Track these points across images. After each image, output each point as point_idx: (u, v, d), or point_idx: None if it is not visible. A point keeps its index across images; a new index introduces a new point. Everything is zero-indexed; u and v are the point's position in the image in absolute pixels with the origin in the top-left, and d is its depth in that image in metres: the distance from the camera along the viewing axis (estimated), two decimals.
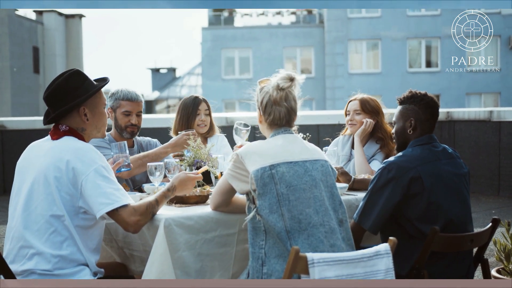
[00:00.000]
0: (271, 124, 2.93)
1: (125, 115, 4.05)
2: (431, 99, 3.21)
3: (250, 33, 32.65)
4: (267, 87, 2.94)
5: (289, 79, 2.91)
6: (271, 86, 2.92)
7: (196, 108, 4.51)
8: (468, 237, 2.96)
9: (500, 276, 3.87)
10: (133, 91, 4.09)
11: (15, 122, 10.45)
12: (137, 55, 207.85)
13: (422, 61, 30.93)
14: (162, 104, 40.54)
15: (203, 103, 4.54)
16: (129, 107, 4.05)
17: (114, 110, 4.08)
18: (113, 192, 2.73)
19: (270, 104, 2.91)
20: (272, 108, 2.91)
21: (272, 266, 2.68)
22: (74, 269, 2.76)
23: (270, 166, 2.73)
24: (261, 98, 2.94)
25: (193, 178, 3.11)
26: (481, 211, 7.98)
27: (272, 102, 2.90)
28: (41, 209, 2.75)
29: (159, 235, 2.79)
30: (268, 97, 2.91)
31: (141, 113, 4.11)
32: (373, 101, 4.33)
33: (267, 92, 2.92)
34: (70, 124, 2.91)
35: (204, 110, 4.52)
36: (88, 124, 2.93)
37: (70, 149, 2.79)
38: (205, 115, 4.52)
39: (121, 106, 4.06)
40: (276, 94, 2.90)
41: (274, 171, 2.73)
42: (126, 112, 4.05)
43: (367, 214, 3.06)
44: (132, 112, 4.06)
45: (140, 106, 4.10)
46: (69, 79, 2.90)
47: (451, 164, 3.12)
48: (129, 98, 4.05)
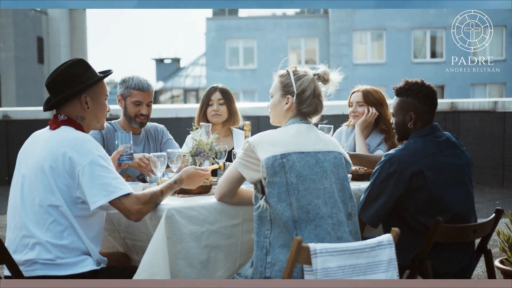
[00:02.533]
0: (303, 114, 2.91)
1: (135, 104, 3.99)
2: (429, 89, 3.17)
3: (254, 23, 32.55)
4: (308, 76, 2.91)
5: (329, 75, 2.93)
6: (315, 78, 2.90)
7: (208, 98, 4.50)
8: (471, 228, 2.95)
9: (503, 266, 3.86)
10: (144, 80, 4.01)
11: (20, 112, 10.48)
12: (141, 45, 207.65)
13: (427, 51, 30.82)
14: (167, 94, 40.54)
15: (217, 93, 4.51)
16: (140, 97, 3.99)
17: (124, 98, 4.02)
18: (109, 182, 2.71)
19: (312, 95, 2.89)
20: (313, 101, 2.89)
21: (276, 255, 2.69)
22: (76, 259, 2.76)
23: (281, 155, 2.73)
24: (303, 86, 2.89)
25: (201, 174, 3.10)
26: (485, 201, 7.97)
27: (317, 94, 2.89)
28: (39, 199, 2.75)
29: (160, 224, 2.78)
30: (313, 88, 2.89)
31: (151, 103, 4.05)
32: (376, 92, 4.31)
33: (311, 82, 2.89)
34: (70, 112, 2.90)
35: (217, 100, 4.49)
36: (88, 112, 2.92)
37: (67, 140, 2.78)
38: (219, 104, 4.49)
39: (132, 95, 3.98)
40: (320, 87, 2.90)
41: (285, 160, 2.72)
42: (136, 102, 3.98)
43: (368, 208, 3.05)
44: (143, 102, 3.99)
45: (151, 96, 4.04)
46: (72, 67, 2.90)
47: (453, 154, 3.10)
48: (140, 88, 3.98)
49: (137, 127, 4.06)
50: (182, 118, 9.51)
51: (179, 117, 9.73)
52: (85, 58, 3.04)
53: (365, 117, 4.23)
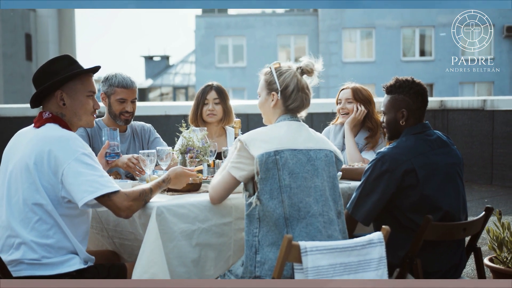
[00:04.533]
0: (290, 110, 2.88)
1: (120, 102, 3.95)
2: (420, 86, 3.16)
3: (244, 21, 32.51)
4: (291, 71, 2.88)
5: (313, 66, 2.88)
6: (297, 72, 2.87)
7: (204, 97, 4.45)
8: (461, 226, 2.95)
9: (492, 264, 3.87)
10: (127, 77, 3.97)
11: (7, 110, 10.39)
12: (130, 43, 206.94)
13: (416, 50, 30.89)
14: (156, 92, 40.42)
15: (212, 92, 4.45)
16: (124, 95, 3.95)
17: (108, 96, 3.98)
18: (96, 179, 2.68)
19: (296, 90, 2.86)
20: (298, 95, 2.86)
21: (265, 254, 2.67)
22: (63, 258, 2.73)
23: (274, 152, 2.71)
24: (285, 82, 2.86)
25: (188, 174, 3.08)
26: (474, 200, 8.00)
27: (300, 88, 2.86)
28: (24, 198, 2.72)
29: (151, 222, 2.76)
30: (296, 82, 2.85)
31: (135, 100, 4.02)
32: (365, 90, 4.31)
33: (293, 77, 2.86)
34: (51, 109, 2.86)
35: (212, 99, 4.43)
36: (65, 109, 2.86)
37: (52, 138, 2.74)
38: (215, 104, 4.44)
39: (116, 93, 3.95)
40: (303, 81, 2.86)
41: (278, 157, 2.70)
42: (121, 99, 3.95)
43: (360, 206, 3.03)
44: (127, 100, 3.96)
45: (135, 93, 4.01)
46: (52, 63, 2.87)
47: (444, 153, 3.10)
48: (124, 85, 3.94)
49: (122, 124, 4.03)
50: (171, 116, 9.47)
51: (168, 114, 9.69)
52: (73, 55, 2.99)
53: (354, 114, 4.22)
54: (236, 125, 3.80)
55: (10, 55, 27.17)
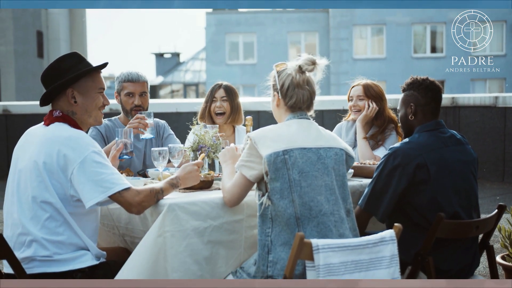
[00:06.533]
0: (291, 107, 2.87)
1: (128, 96, 4.01)
2: (431, 83, 3.16)
3: (254, 18, 32.49)
4: (288, 69, 2.87)
5: (312, 62, 2.86)
6: (293, 69, 2.86)
7: (212, 95, 4.47)
8: (473, 224, 2.94)
9: (505, 262, 3.85)
10: (134, 71, 4.03)
11: (19, 107, 10.46)
12: (141, 40, 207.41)
13: (427, 46, 30.77)
14: (166, 89, 40.49)
15: (221, 90, 4.47)
16: (131, 88, 4.01)
17: (119, 93, 4.06)
18: (106, 178, 2.69)
19: (292, 87, 2.85)
20: (294, 91, 2.85)
21: (277, 254, 2.67)
22: (74, 254, 2.75)
23: (283, 151, 2.71)
24: (282, 80, 2.87)
25: (196, 167, 3.06)
26: (486, 197, 7.96)
27: (294, 84, 2.85)
28: (33, 196, 2.73)
29: (157, 220, 2.76)
30: (290, 79, 2.85)
31: (145, 94, 4.05)
32: (376, 86, 4.30)
33: (289, 75, 2.86)
34: (61, 107, 2.87)
35: (220, 97, 4.45)
36: (77, 107, 2.87)
37: (62, 137, 2.75)
38: (222, 101, 4.45)
39: (123, 88, 4.02)
40: (299, 77, 2.85)
41: (287, 156, 2.70)
42: (128, 93, 4.01)
43: (376, 202, 3.02)
44: (135, 93, 4.01)
45: (144, 87, 4.05)
46: (61, 61, 2.88)
47: (458, 150, 3.09)
48: (130, 79, 4.01)
49: None
50: (182, 113, 9.49)
51: (179, 111, 9.71)
52: (84, 52, 3.03)
53: (366, 112, 4.21)
54: (248, 122, 3.79)
55: (22, 52, 27.31)
